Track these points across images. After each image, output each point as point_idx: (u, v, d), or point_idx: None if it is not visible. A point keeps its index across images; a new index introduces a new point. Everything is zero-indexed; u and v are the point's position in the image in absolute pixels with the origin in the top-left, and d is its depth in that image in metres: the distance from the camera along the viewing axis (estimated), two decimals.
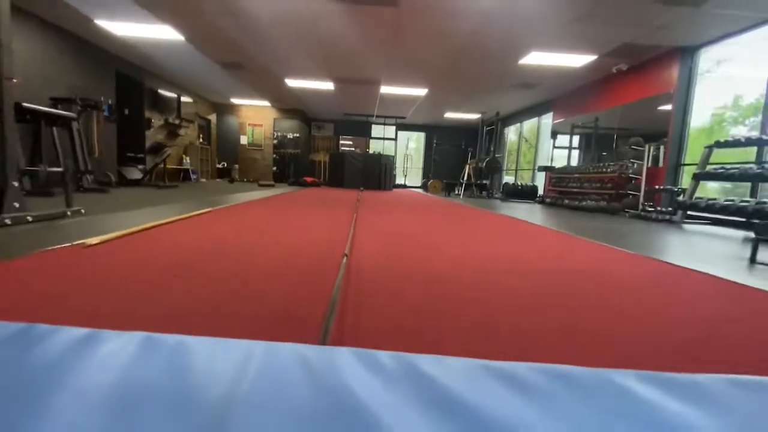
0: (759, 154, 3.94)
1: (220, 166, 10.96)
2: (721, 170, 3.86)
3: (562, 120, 7.50)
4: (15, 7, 4.51)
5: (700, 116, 4.82)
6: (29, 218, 2.06)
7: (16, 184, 2.04)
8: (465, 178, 8.68)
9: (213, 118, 10.61)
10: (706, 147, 4.11)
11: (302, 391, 0.53)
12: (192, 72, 7.22)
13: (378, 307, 1.02)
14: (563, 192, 6.59)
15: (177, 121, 7.95)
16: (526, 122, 9.46)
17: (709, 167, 4.06)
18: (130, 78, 6.56)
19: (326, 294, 1.08)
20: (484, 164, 8.06)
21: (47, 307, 0.91)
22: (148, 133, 6.99)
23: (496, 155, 8.63)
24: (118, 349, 0.64)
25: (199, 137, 9.49)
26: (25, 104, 3.62)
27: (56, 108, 4.28)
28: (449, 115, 10.15)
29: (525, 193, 7.77)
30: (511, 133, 10.71)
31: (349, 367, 0.60)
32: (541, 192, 7.89)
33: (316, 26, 4.66)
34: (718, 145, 3.98)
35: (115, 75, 6.12)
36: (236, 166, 10.88)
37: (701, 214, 4.01)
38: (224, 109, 10.88)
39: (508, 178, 10.24)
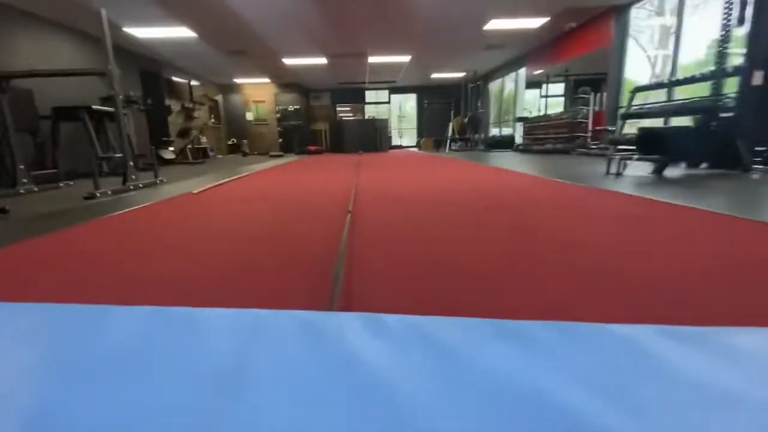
0: (669, 94, 4.89)
1: (230, 142, 12.02)
2: (639, 110, 4.84)
3: (538, 72, 8.29)
4: (61, 24, 5.53)
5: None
6: (141, 185, 3.26)
7: (131, 164, 3.22)
8: (450, 133, 9.64)
9: (220, 98, 11.55)
10: (630, 91, 5.06)
11: (310, 358, 0.54)
12: (201, 60, 8.15)
13: (373, 214, 2.19)
14: (534, 139, 7.58)
15: (191, 105, 8.97)
16: (506, 77, 10.21)
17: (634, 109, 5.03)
18: (151, 72, 7.56)
19: (344, 211, 2.26)
20: (467, 120, 8.99)
21: (192, 220, 2.10)
22: (169, 119, 8.06)
23: (479, 111, 9.53)
24: (128, 323, 0.67)
25: (210, 117, 10.51)
26: (93, 107, 4.75)
27: (104, 105, 5.38)
28: (435, 75, 10.91)
29: (504, 143, 8.76)
30: (496, 88, 11.45)
31: (356, 332, 0.61)
32: (519, 140, 8.85)
33: (307, 12, 5.56)
34: (638, 89, 4.93)
35: (139, 71, 7.12)
36: (245, 141, 11.93)
37: (626, 147, 5.04)
38: (229, 88, 11.78)
39: (495, 130, 11.14)
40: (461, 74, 10.67)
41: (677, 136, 3.16)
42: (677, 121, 4.31)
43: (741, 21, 3.01)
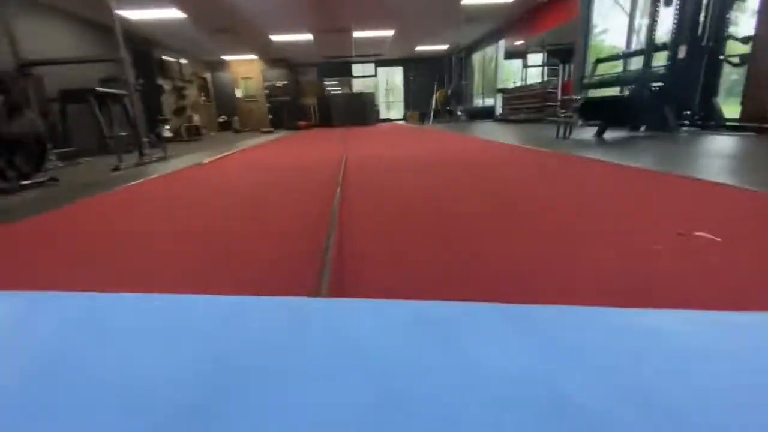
0: (624, 65, 5.37)
1: (221, 119, 12.28)
2: (598, 79, 5.32)
3: (519, 43, 8.63)
4: (61, 9, 5.78)
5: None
6: (154, 158, 3.74)
7: (145, 139, 3.68)
8: (434, 106, 10.04)
9: (209, 76, 11.71)
10: (592, 62, 5.53)
11: (305, 346, 0.53)
12: (189, 39, 8.36)
13: (359, 172, 2.72)
14: (512, 109, 8.04)
15: (181, 84, 9.22)
16: (487, 49, 10.51)
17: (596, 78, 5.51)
18: (142, 52, 7.79)
19: (336, 173, 2.79)
20: (450, 92, 9.38)
21: (203, 185, 2.62)
22: (162, 98, 8.35)
23: (463, 83, 9.90)
24: (116, 311, 0.66)
25: (201, 95, 10.75)
26: (98, 89, 5.12)
27: (104, 86, 5.72)
28: (420, 48, 11.16)
29: (484, 114, 9.21)
30: (478, 59, 11.75)
31: (353, 318, 0.60)
32: (500, 111, 9.30)
33: None
34: (599, 60, 5.40)
35: (132, 51, 7.36)
36: (236, 118, 12.19)
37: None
38: (217, 66, 11.92)
39: (479, 101, 11.53)
40: (445, 47, 10.93)
41: (614, 103, 3.70)
42: (614, 91, 4.76)
43: (668, 2, 3.48)
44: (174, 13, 6.30)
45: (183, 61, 9.70)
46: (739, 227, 1.04)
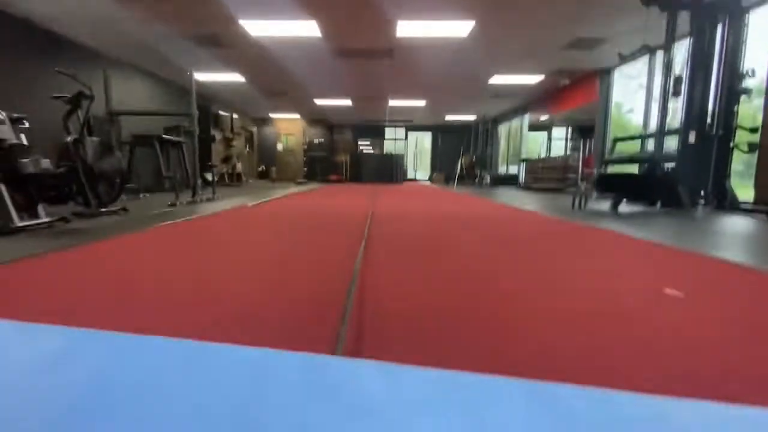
0: (641, 145, 5.67)
1: (260, 169, 13.24)
2: (618, 156, 5.62)
3: (544, 117, 9.20)
4: (144, 70, 6.81)
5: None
6: (204, 199, 4.21)
7: (199, 181, 4.19)
8: (459, 170, 10.56)
9: (255, 130, 12.90)
10: (611, 141, 5.87)
11: (321, 406, 0.52)
12: (244, 98, 9.44)
13: (386, 227, 3.05)
14: (535, 178, 8.39)
15: (231, 135, 10.22)
16: (513, 122, 11.20)
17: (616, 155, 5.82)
18: (203, 106, 8.85)
19: (364, 223, 3.12)
20: (474, 158, 9.91)
21: (247, 227, 2.99)
22: (213, 146, 9.27)
23: (488, 150, 10.46)
24: (131, 353, 0.67)
25: (246, 147, 11.78)
26: (163, 136, 5.86)
27: (167, 134, 6.53)
28: (449, 117, 12.01)
29: (507, 181, 9.59)
30: (504, 130, 12.44)
31: (369, 382, 0.59)
32: (522, 179, 9.67)
33: (336, 69, 6.70)
34: (617, 139, 5.74)
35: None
36: (273, 168, 13.13)
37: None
38: (263, 121, 13.15)
39: (504, 168, 12.00)
40: (472, 117, 11.73)
41: (628, 179, 3.94)
42: (633, 168, 4.99)
43: (677, 93, 3.84)
44: (236, 77, 7.27)
45: (234, 115, 10.83)
46: (713, 289, 1.23)
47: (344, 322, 0.87)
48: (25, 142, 2.34)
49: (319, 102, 9.71)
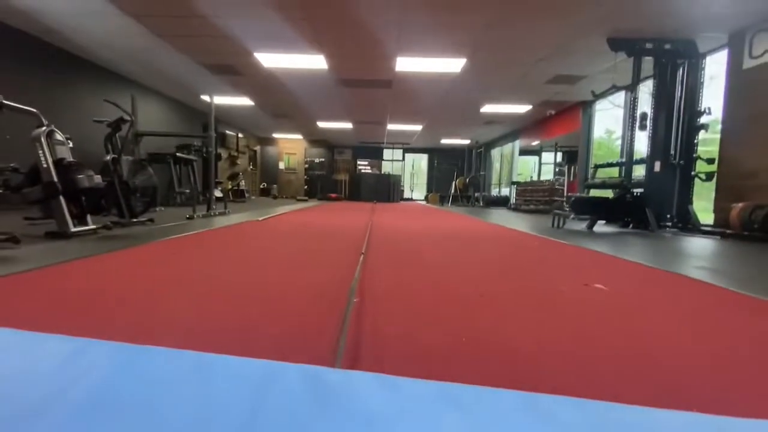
0: (620, 172, 6.15)
1: (262, 186, 13.69)
2: (598, 182, 6.09)
3: (535, 143, 9.73)
4: (158, 92, 7.31)
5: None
6: (217, 213, 4.60)
7: (213, 197, 4.58)
8: (453, 191, 11.03)
9: (258, 149, 13.41)
10: (591, 167, 6.36)
11: (323, 417, 0.53)
12: (250, 119, 9.96)
13: (383, 238, 3.44)
14: (524, 200, 8.85)
15: (236, 154, 10.70)
16: (505, 146, 11.77)
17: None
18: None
19: (363, 235, 3.52)
20: (467, 180, 10.40)
21: (261, 237, 3.38)
22: (219, 164, 9.71)
23: (480, 173, 10.97)
24: (133, 364, 0.68)
25: (249, 165, 12.25)
26: (177, 154, 6.30)
27: (179, 152, 6.96)
28: (444, 140, 12.59)
29: (499, 202, 10.05)
30: (497, 154, 13.02)
31: (369, 393, 0.60)
32: (513, 200, 10.14)
33: (339, 96, 7.23)
34: (598, 166, 6.22)
35: (201, 125, 8.89)
36: (275, 185, 13.58)
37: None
38: (267, 141, 13.69)
39: (496, 190, 12.51)
40: (467, 141, 12.31)
41: (601, 203, 4.38)
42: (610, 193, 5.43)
43: (642, 127, 4.33)
44: (245, 101, 7.79)
45: (240, 135, 11.35)
46: (635, 286, 1.63)
47: (345, 320, 1.25)
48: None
49: (321, 124, 10.25)
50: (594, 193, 6.30)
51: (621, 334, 0.99)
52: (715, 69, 4.55)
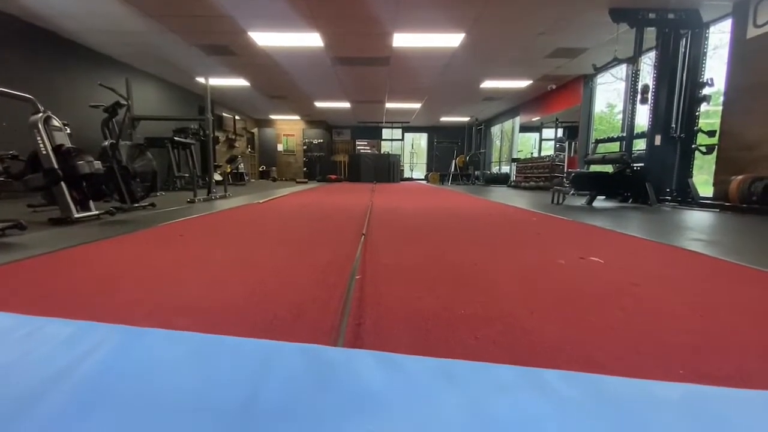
0: (620, 146, 6.11)
1: (261, 169, 13.63)
2: (598, 157, 6.06)
3: (535, 119, 9.63)
4: (153, 75, 7.19)
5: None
6: (218, 196, 4.62)
7: (213, 181, 4.59)
8: (453, 169, 10.98)
9: (256, 131, 13.28)
10: (592, 142, 6.31)
11: (323, 396, 0.54)
12: (247, 101, 9.83)
13: (384, 217, 3.47)
14: (524, 177, 8.82)
15: (234, 137, 10.61)
16: (505, 123, 11.64)
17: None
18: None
19: (364, 215, 3.54)
20: (468, 158, 10.34)
21: (259, 221, 3.41)
22: (217, 147, 9.65)
23: (480, 151, 10.89)
24: (138, 345, 0.69)
25: (248, 147, 12.16)
26: (175, 138, 6.26)
27: (176, 136, 6.91)
28: (444, 118, 12.44)
29: (499, 180, 10.02)
30: (497, 131, 12.89)
31: (370, 372, 0.60)
32: (513, 178, 10.11)
33: (336, 74, 7.11)
34: (598, 141, 6.18)
35: (198, 107, 8.78)
36: (274, 168, 13.52)
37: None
38: (264, 123, 13.54)
39: (496, 168, 12.45)
40: (466, 118, 12.16)
41: (600, 178, 4.38)
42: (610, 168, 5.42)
43: (644, 101, 4.28)
44: (241, 82, 7.66)
45: (237, 117, 11.22)
46: (632, 258, 1.66)
47: (348, 296, 1.28)
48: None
49: (318, 104, 10.11)
50: (594, 168, 6.29)
51: (616, 306, 1.03)
52: (718, 40, 4.46)
